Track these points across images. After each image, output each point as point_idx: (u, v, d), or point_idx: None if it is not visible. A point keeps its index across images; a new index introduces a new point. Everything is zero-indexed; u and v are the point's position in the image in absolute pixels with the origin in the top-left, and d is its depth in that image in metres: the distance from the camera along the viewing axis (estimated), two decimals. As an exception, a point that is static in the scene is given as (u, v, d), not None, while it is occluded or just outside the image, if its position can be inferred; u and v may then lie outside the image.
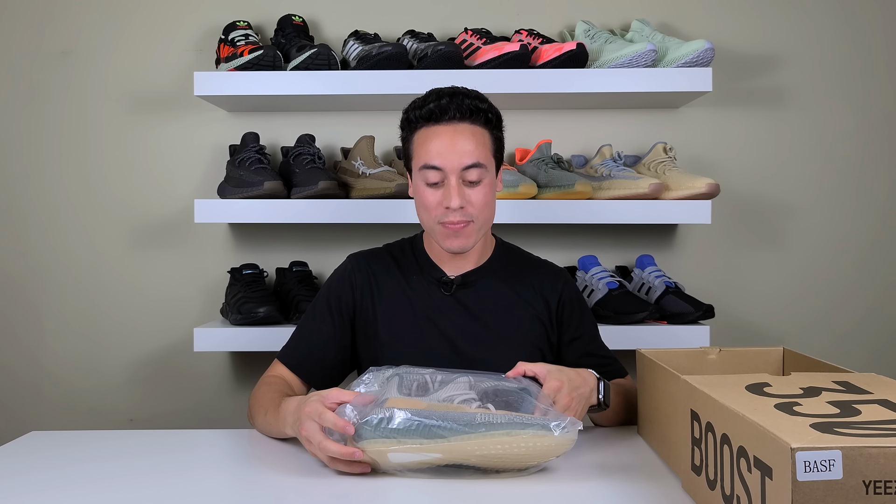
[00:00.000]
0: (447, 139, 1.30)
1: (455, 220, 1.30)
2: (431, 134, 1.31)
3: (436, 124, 1.31)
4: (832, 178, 2.08)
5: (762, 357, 1.29)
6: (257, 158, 1.88)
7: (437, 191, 1.31)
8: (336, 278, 1.44)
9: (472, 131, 1.31)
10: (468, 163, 1.29)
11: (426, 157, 1.30)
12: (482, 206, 1.32)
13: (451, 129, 1.30)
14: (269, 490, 1.05)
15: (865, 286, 2.09)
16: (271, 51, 1.85)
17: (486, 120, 1.33)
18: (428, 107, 1.31)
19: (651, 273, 1.91)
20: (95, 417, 2.09)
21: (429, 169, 1.30)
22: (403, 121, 1.37)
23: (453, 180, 1.29)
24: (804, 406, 0.83)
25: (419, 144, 1.32)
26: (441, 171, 1.29)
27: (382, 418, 1.00)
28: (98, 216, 2.09)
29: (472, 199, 1.30)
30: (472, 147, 1.30)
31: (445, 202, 1.29)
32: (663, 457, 1.14)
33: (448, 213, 1.30)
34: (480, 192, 1.31)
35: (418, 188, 1.34)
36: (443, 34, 2.06)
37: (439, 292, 1.39)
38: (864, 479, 0.69)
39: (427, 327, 1.38)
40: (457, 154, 1.29)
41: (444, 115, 1.30)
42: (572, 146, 2.07)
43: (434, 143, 1.30)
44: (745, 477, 0.80)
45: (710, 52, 1.83)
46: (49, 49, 2.09)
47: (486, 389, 1.09)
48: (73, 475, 1.10)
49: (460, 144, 1.29)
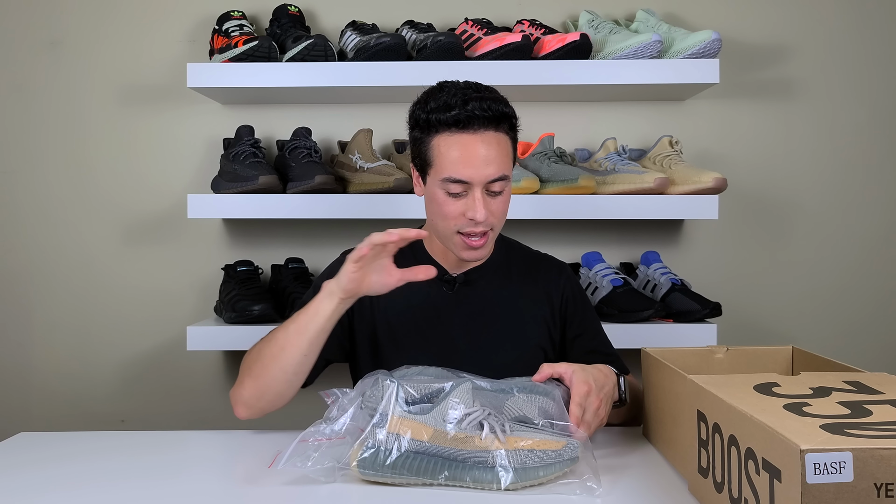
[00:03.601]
0: (474, 151, 1.26)
1: (477, 232, 1.30)
2: (456, 143, 1.26)
3: (461, 132, 1.26)
4: (842, 173, 2.08)
5: (771, 356, 1.29)
6: (252, 152, 1.88)
7: (458, 201, 1.29)
8: (333, 269, 1.43)
9: (497, 140, 1.28)
10: (495, 176, 1.27)
11: (452, 170, 1.26)
12: (502, 214, 1.32)
13: (477, 139, 1.26)
14: (264, 492, 1.04)
15: (877, 283, 2.09)
16: (266, 41, 1.85)
17: (511, 126, 1.31)
18: (452, 113, 1.26)
19: (656, 270, 1.91)
20: (86, 418, 2.09)
21: (453, 182, 1.27)
22: (421, 120, 1.30)
23: (478, 193, 1.27)
24: (814, 406, 0.83)
25: (441, 152, 1.28)
26: (467, 183, 1.27)
27: (384, 451, 1.01)
28: (88, 212, 2.09)
29: (493, 209, 1.30)
30: (499, 159, 1.27)
31: (470, 213, 1.27)
32: (669, 459, 1.14)
33: (470, 225, 1.29)
34: (502, 202, 1.31)
35: (436, 196, 1.30)
36: (443, 24, 2.05)
37: (440, 290, 1.39)
38: (876, 481, 0.69)
39: (428, 326, 1.38)
40: (483, 167, 1.26)
41: (471, 125, 1.26)
42: (576, 140, 2.06)
43: (461, 154, 1.26)
44: (754, 479, 0.79)
45: (718, 43, 1.83)
46: (37, 40, 2.09)
47: (495, 402, 1.08)
48: (63, 477, 1.10)
49: (488, 157, 1.26)
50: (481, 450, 1.01)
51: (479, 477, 0.99)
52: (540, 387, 1.11)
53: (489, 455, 1.00)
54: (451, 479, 1.00)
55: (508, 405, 1.08)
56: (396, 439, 1.01)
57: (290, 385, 1.25)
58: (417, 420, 1.02)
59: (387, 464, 1.01)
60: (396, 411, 1.03)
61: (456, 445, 1.01)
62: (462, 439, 1.01)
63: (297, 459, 1.03)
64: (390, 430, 1.02)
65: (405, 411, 1.03)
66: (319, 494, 1.02)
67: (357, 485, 1.03)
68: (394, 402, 1.04)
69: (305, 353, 1.22)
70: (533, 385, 1.11)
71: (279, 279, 1.96)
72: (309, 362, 1.24)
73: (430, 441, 1.01)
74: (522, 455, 1.00)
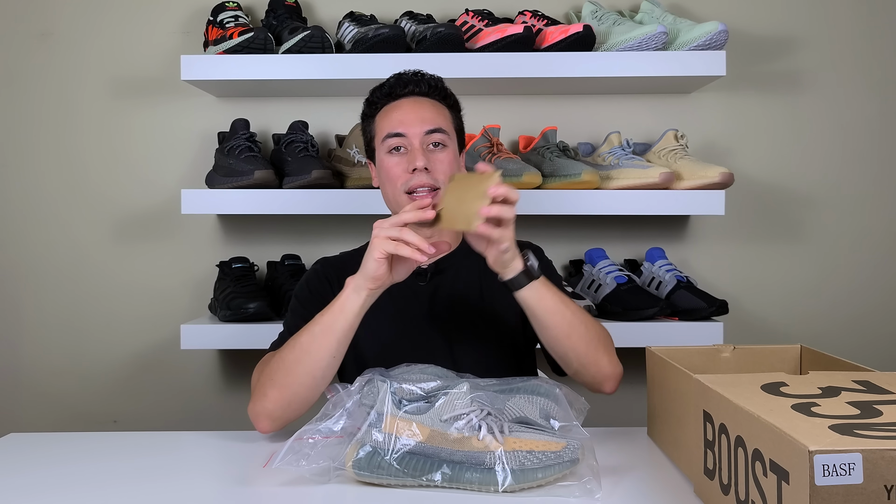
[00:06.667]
0: (409, 108, 1.37)
1: (422, 183, 1.32)
2: (392, 107, 1.39)
3: (396, 99, 1.39)
4: (852, 167, 2.08)
5: (778, 355, 1.29)
6: (247, 146, 1.87)
7: (401, 158, 1.35)
8: (311, 278, 1.47)
9: (431, 103, 1.40)
10: (430, 127, 1.35)
11: (389, 127, 1.37)
12: (448, 172, 1.35)
13: (411, 100, 1.39)
14: (260, 494, 1.04)
15: (887, 281, 2.09)
16: (262, 33, 1.85)
17: (445, 96, 1.42)
18: (389, 83, 1.40)
19: (661, 267, 1.91)
20: (77, 418, 2.09)
21: (392, 137, 1.36)
22: (365, 107, 1.43)
23: (416, 143, 1.34)
24: (823, 407, 0.83)
25: (380, 120, 1.40)
26: (404, 136, 1.35)
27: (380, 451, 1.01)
28: (80, 207, 2.09)
29: (436, 164, 1.34)
30: (433, 115, 1.37)
31: (410, 165, 1.33)
32: (674, 460, 1.14)
33: (413, 178, 1.33)
34: (445, 158, 1.36)
35: (382, 163, 1.38)
36: (442, 16, 2.05)
37: (416, 283, 1.40)
38: (886, 483, 0.69)
39: (408, 319, 1.40)
40: (419, 119, 1.35)
41: (405, 89, 1.39)
42: (579, 133, 2.06)
43: (396, 113, 1.38)
44: (761, 481, 0.79)
45: (724, 35, 1.82)
46: (27, 31, 2.08)
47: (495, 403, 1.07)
48: (54, 479, 1.10)
49: (422, 112, 1.37)
50: (479, 451, 1.01)
51: (477, 478, 0.99)
52: (541, 388, 1.11)
53: (487, 456, 1.00)
54: (448, 480, 1.00)
55: (509, 406, 1.07)
56: (392, 439, 1.01)
57: (317, 390, 1.24)
58: (414, 420, 1.02)
59: (382, 465, 1.00)
60: (392, 411, 1.03)
61: (453, 446, 1.01)
62: (459, 440, 1.01)
63: (291, 458, 1.03)
64: (386, 430, 1.01)
65: (402, 411, 1.03)
66: (315, 496, 1.01)
67: (353, 485, 1.03)
68: (389, 401, 1.04)
69: (334, 353, 1.21)
70: (534, 386, 1.11)
71: (275, 276, 1.96)
72: (336, 364, 1.23)
73: (426, 441, 1.01)
74: (521, 456, 1.00)
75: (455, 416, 1.02)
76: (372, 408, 1.04)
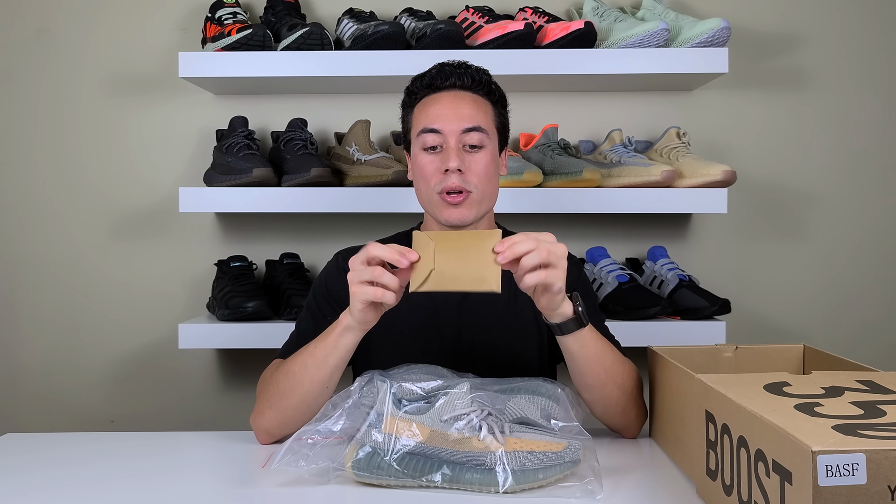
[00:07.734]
0: (447, 102, 1.32)
1: (454, 186, 1.29)
2: (431, 100, 1.33)
3: (436, 91, 1.34)
4: (855, 165, 2.08)
5: (781, 355, 1.29)
6: (246, 144, 1.87)
7: (435, 157, 1.31)
8: (328, 273, 1.43)
9: (472, 98, 1.33)
10: (468, 125, 1.30)
11: (425, 121, 1.31)
12: (482, 175, 1.31)
13: (451, 94, 1.33)
14: (259, 495, 1.04)
15: (890, 279, 2.08)
16: (261, 30, 1.84)
17: (489, 91, 1.36)
18: (430, 73, 1.35)
19: (663, 265, 1.91)
20: (74, 418, 2.09)
21: (427, 133, 1.31)
22: (405, 96, 1.38)
23: (452, 142, 1.29)
24: (826, 407, 0.83)
25: (418, 113, 1.34)
26: (440, 133, 1.30)
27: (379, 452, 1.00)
28: (77, 205, 2.09)
29: (471, 165, 1.30)
30: (472, 111, 1.31)
31: (444, 165, 1.29)
32: (676, 460, 1.14)
33: (447, 178, 1.29)
34: (481, 160, 1.31)
35: (416, 158, 1.33)
36: (442, 12, 2.05)
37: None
38: (890, 483, 0.69)
39: (425, 321, 1.38)
40: (457, 117, 1.30)
41: (446, 82, 1.33)
42: (580, 131, 2.06)
43: (434, 107, 1.32)
44: (764, 482, 0.79)
45: (727, 31, 1.82)
46: (24, 28, 2.08)
47: (496, 403, 1.07)
48: (51, 480, 1.10)
49: (461, 108, 1.31)
50: (479, 451, 1.00)
51: (477, 479, 0.99)
52: (543, 388, 1.11)
53: (487, 457, 1.00)
54: (448, 481, 1.00)
55: (510, 406, 1.07)
56: (392, 440, 1.01)
57: (312, 412, 1.22)
58: (414, 420, 1.02)
59: (382, 465, 1.00)
60: (392, 411, 1.03)
61: (453, 446, 1.01)
62: (460, 440, 1.01)
63: (291, 458, 1.03)
64: (386, 431, 1.01)
65: (402, 411, 1.03)
66: (314, 496, 1.01)
67: (352, 486, 1.03)
68: (389, 401, 1.04)
69: (327, 384, 1.21)
70: (535, 386, 1.11)
71: (274, 275, 1.96)
72: (330, 391, 1.22)
73: (426, 442, 1.01)
74: (521, 457, 1.00)
75: (455, 416, 1.02)
76: (372, 408, 1.04)
